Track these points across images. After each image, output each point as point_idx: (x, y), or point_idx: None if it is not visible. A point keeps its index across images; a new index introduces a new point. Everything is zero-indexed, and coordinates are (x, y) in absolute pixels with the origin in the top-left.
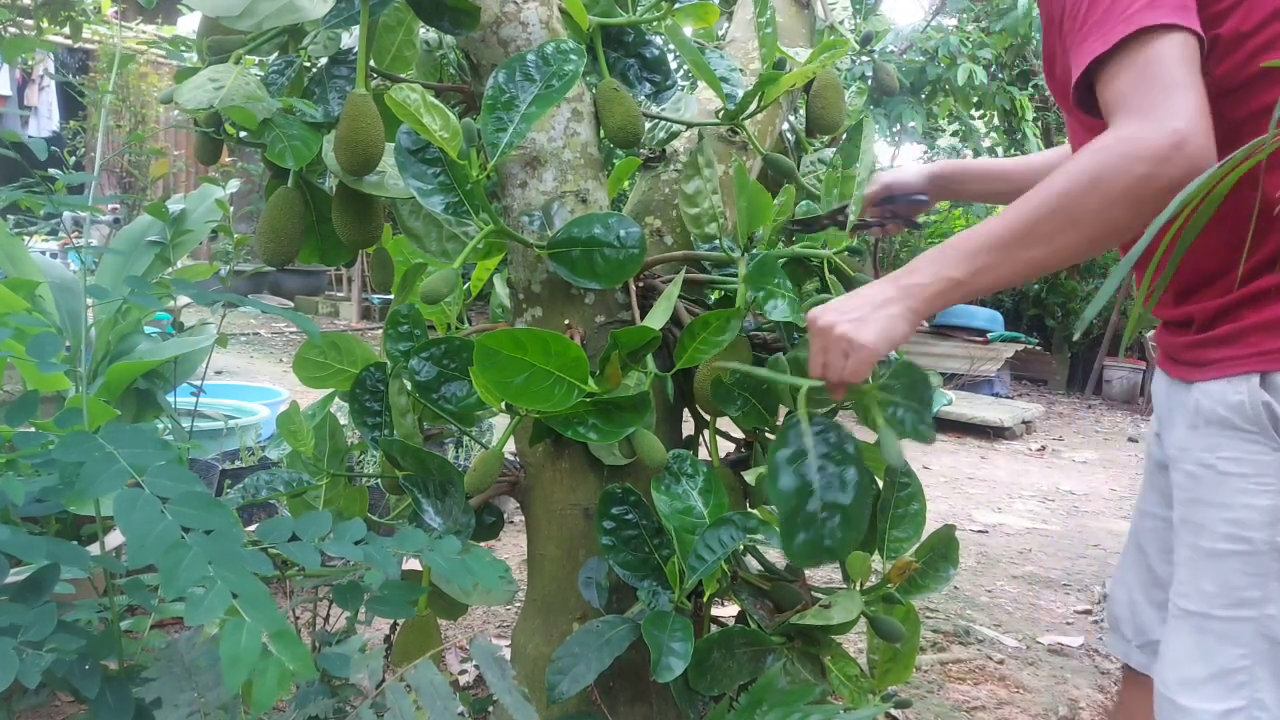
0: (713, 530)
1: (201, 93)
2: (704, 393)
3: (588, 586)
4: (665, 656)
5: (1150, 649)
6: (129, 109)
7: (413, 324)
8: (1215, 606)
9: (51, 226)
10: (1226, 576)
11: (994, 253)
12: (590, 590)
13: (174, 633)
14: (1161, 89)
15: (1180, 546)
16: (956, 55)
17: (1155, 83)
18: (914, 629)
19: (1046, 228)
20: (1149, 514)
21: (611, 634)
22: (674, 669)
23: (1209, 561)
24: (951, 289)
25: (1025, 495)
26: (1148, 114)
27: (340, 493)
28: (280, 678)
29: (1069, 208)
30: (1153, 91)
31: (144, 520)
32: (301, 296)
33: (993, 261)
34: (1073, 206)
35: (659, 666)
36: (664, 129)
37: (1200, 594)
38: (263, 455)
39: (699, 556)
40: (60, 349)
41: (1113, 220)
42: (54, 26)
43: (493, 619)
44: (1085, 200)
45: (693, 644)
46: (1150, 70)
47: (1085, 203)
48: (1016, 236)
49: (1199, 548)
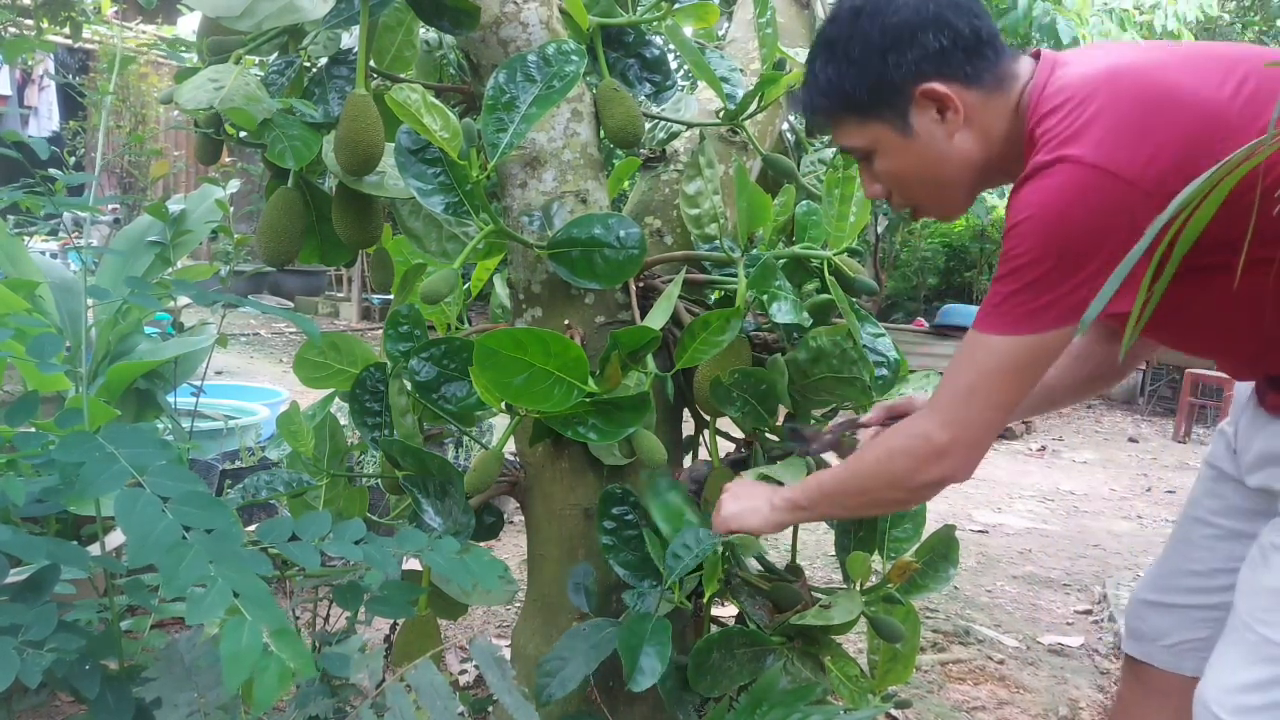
0: (689, 531)
1: (201, 93)
2: (703, 393)
3: (576, 592)
4: (639, 663)
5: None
6: (129, 109)
7: (413, 324)
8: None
9: (51, 226)
10: None
11: (826, 500)
12: (579, 596)
13: (174, 633)
14: (963, 396)
15: (1268, 572)
16: None
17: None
18: (914, 629)
19: (854, 498)
20: (1203, 521)
21: (599, 637)
22: (647, 677)
23: None
24: (799, 512)
25: (1025, 495)
26: (939, 416)
27: (340, 493)
28: (281, 676)
29: (864, 487)
30: (958, 397)
31: (145, 520)
32: (301, 296)
33: (823, 504)
34: (866, 484)
35: (632, 674)
36: (664, 129)
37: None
38: (263, 455)
39: (675, 555)
40: (60, 349)
41: (888, 501)
42: (54, 27)
43: (493, 619)
44: (874, 481)
45: (669, 649)
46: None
47: (870, 483)
48: (836, 494)
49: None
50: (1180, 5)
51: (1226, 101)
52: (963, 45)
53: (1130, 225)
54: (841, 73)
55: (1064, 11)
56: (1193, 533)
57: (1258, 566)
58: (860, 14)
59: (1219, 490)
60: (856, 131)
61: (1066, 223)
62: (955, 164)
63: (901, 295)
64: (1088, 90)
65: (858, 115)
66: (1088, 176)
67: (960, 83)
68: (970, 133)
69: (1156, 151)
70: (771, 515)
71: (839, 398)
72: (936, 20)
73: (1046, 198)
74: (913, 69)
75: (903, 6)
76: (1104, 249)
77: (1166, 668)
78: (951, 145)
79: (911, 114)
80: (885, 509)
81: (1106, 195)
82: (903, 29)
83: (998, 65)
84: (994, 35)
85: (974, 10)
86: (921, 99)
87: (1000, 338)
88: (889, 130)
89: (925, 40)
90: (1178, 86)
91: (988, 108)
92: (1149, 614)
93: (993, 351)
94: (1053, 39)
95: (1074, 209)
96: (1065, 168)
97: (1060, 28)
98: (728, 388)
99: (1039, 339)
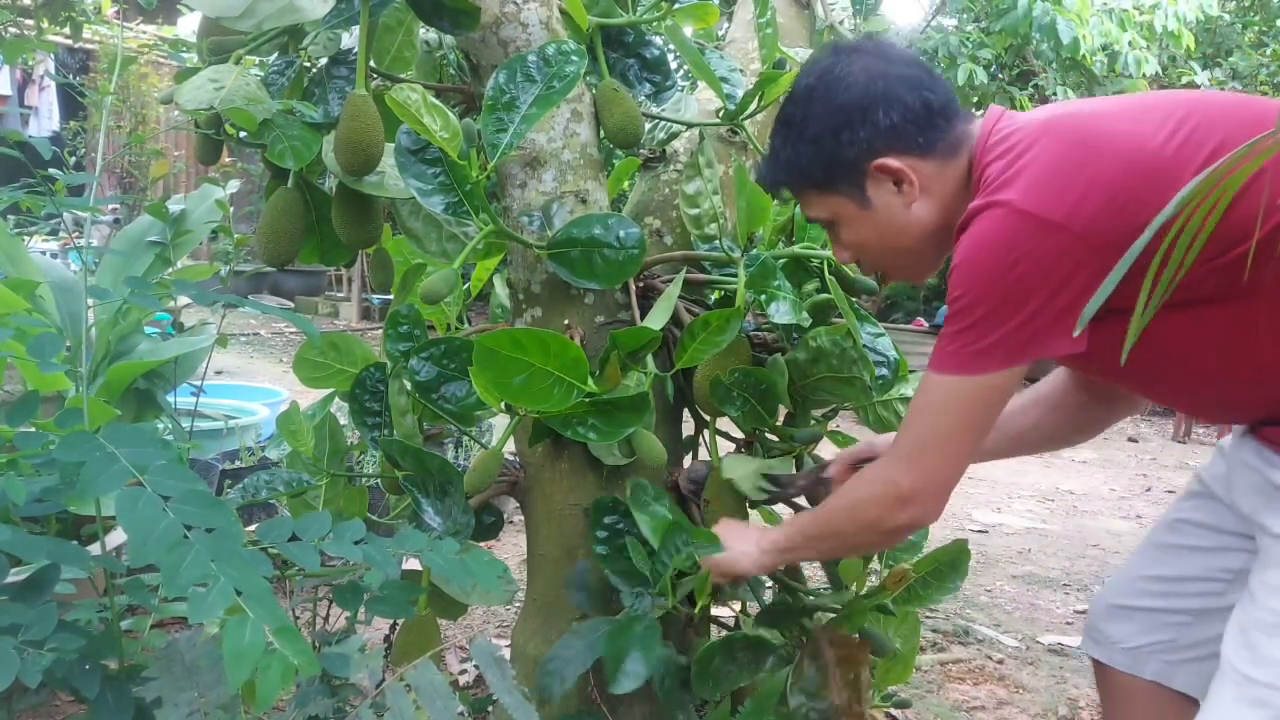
0: (670, 537)
1: (202, 93)
2: (703, 393)
3: (576, 590)
4: (624, 667)
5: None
6: (129, 109)
7: (412, 324)
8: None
9: (52, 227)
10: None
11: (808, 543)
12: (579, 595)
13: (174, 632)
14: (920, 443)
15: (1256, 609)
16: (956, 55)
17: (928, 432)
18: (914, 630)
19: (831, 541)
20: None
21: (595, 636)
22: (630, 680)
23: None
24: (785, 554)
25: (1024, 495)
26: (902, 461)
27: (340, 493)
28: (284, 674)
29: (839, 531)
30: (918, 441)
31: (146, 519)
32: (301, 296)
33: (805, 547)
34: (841, 529)
35: (615, 676)
36: (664, 129)
37: (1273, 662)
38: (263, 455)
39: (662, 563)
40: (60, 349)
41: (865, 544)
42: (54, 27)
43: (493, 619)
44: (848, 526)
45: (655, 653)
46: (933, 414)
47: (845, 529)
48: (815, 537)
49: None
50: (1180, 5)
51: (1159, 146)
52: (914, 119)
53: (1065, 266)
54: (798, 151)
55: (1064, 12)
56: (1169, 539)
57: (1245, 606)
58: (813, 93)
59: (1207, 506)
60: (818, 204)
61: (1001, 266)
62: (915, 232)
63: (901, 295)
64: (1025, 138)
65: (817, 190)
66: (1017, 221)
67: (914, 155)
68: (928, 200)
69: (1084, 194)
70: (760, 558)
71: (839, 397)
72: (886, 97)
73: (981, 242)
74: (865, 145)
75: (853, 85)
76: (1042, 289)
77: (1127, 670)
78: (910, 215)
79: (868, 188)
80: (863, 551)
81: (1036, 239)
82: (854, 107)
83: (950, 133)
84: (946, 103)
85: (924, 82)
86: (876, 173)
87: (952, 378)
88: (848, 203)
89: (876, 117)
90: (1110, 132)
91: (943, 175)
92: (1113, 616)
93: (946, 393)
94: (1053, 39)
95: (1006, 252)
96: (997, 212)
97: (1060, 28)
98: (728, 387)
99: (988, 379)
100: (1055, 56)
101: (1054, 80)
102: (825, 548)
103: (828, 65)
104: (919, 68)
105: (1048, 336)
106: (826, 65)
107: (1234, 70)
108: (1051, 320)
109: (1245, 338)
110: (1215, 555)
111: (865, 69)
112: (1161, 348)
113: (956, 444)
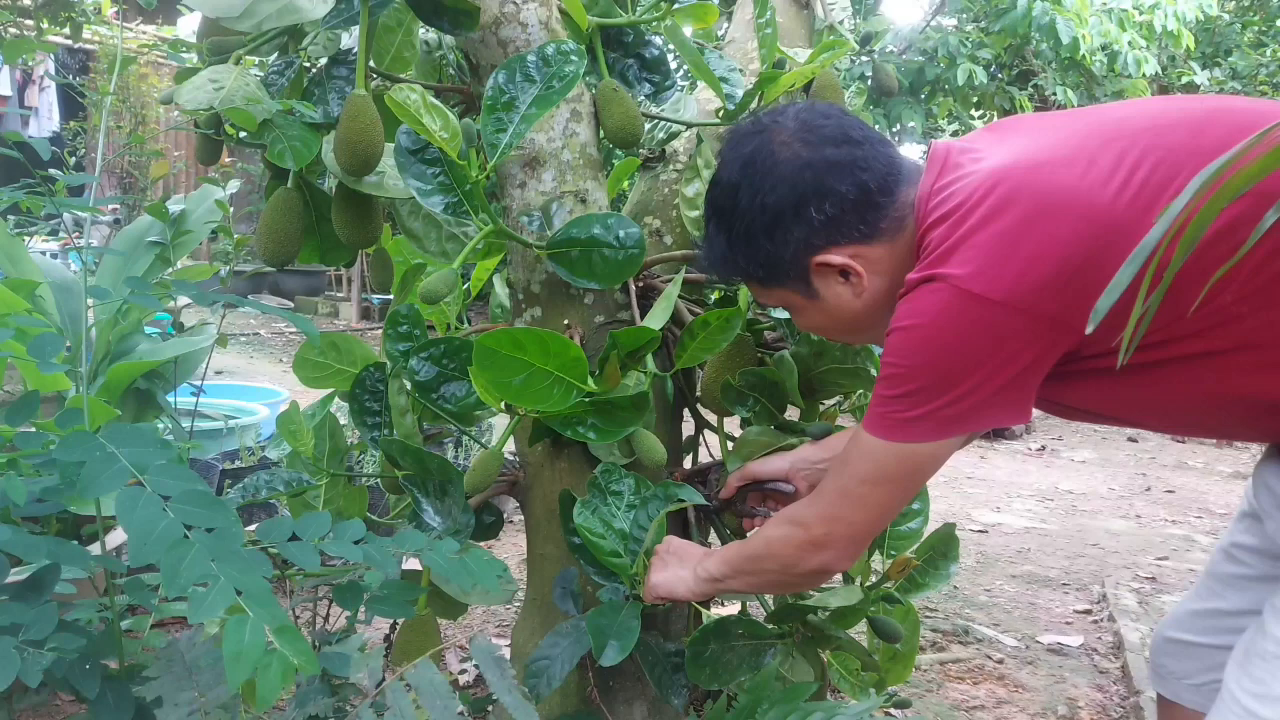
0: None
1: (202, 93)
2: (713, 394)
3: (563, 598)
4: (606, 642)
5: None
6: (129, 110)
7: (412, 324)
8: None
9: (52, 227)
10: None
11: (735, 575)
12: (566, 601)
13: (174, 632)
14: (846, 496)
15: (1263, 638)
16: (956, 55)
17: (850, 484)
18: (914, 629)
19: (752, 578)
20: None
21: (580, 634)
22: (614, 654)
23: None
24: (717, 584)
25: (1024, 495)
26: (820, 506)
27: (340, 493)
28: (284, 673)
29: (758, 568)
30: (839, 490)
31: (146, 518)
32: (301, 296)
33: (733, 579)
34: (759, 565)
35: (599, 651)
36: (664, 129)
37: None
38: (263, 455)
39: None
40: (61, 349)
41: (782, 583)
42: (54, 27)
43: (492, 619)
44: (764, 564)
45: (636, 634)
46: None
47: (764, 565)
48: (740, 571)
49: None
50: (1180, 5)
51: (1111, 200)
52: (851, 207)
53: (1008, 346)
54: (733, 247)
55: (1064, 12)
56: (1224, 568)
57: (1254, 631)
58: (739, 190)
59: (1253, 528)
60: (765, 295)
61: (937, 344)
62: (873, 313)
63: None
64: (968, 199)
65: (760, 285)
66: (957, 299)
67: (857, 243)
68: (880, 278)
69: (1027, 267)
70: (695, 586)
71: (845, 390)
72: (817, 191)
73: (919, 316)
74: (802, 244)
75: (780, 182)
76: (978, 370)
77: (1195, 707)
78: (861, 301)
79: (813, 282)
80: (782, 590)
81: (976, 318)
82: (783, 207)
83: (893, 208)
84: (885, 177)
85: (857, 161)
86: (820, 269)
87: (878, 441)
88: (796, 295)
89: (809, 215)
90: (1059, 190)
91: (893, 250)
92: (1174, 652)
93: (870, 454)
94: (1052, 39)
95: (944, 332)
96: (938, 287)
97: (1060, 28)
98: (738, 389)
99: (913, 448)
100: (1055, 56)
101: (1054, 80)
102: (750, 583)
103: (750, 155)
104: (850, 145)
105: (983, 411)
106: (749, 154)
107: (1234, 70)
108: (988, 397)
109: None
110: (1268, 585)
111: (791, 159)
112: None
113: (873, 505)
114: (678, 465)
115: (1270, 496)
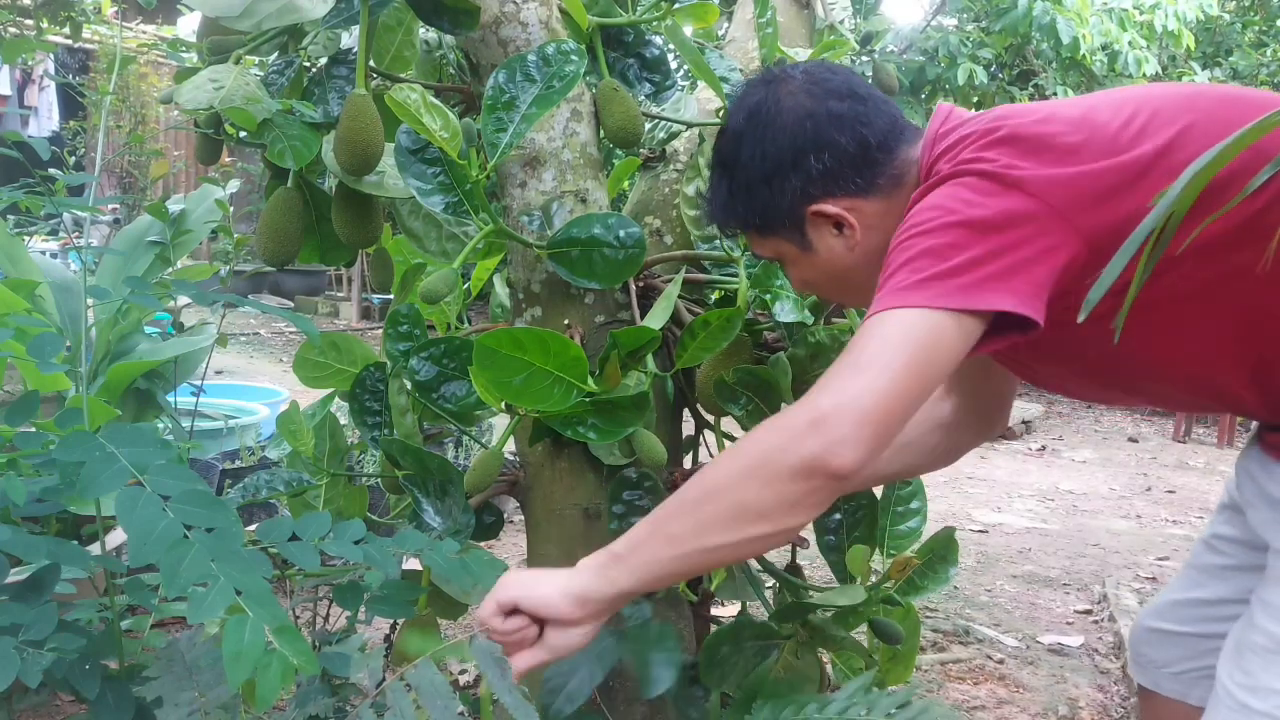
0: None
1: (201, 93)
2: (707, 393)
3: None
4: (652, 671)
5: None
6: (129, 109)
7: (412, 324)
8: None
9: (51, 226)
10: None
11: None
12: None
13: (174, 632)
14: (852, 367)
15: (1253, 631)
16: (956, 55)
17: (857, 360)
18: (914, 629)
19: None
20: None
21: (600, 647)
22: (662, 682)
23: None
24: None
25: (1025, 495)
26: (824, 381)
27: (340, 492)
28: (284, 673)
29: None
30: (845, 369)
31: (146, 518)
32: (301, 296)
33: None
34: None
35: (646, 682)
36: (664, 129)
37: (1270, 692)
38: (263, 455)
39: None
40: (60, 349)
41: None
42: (54, 27)
43: None
44: (727, 478)
45: (679, 652)
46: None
47: (726, 480)
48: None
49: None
50: (1180, 5)
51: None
52: (849, 160)
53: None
54: (733, 195)
55: (1064, 11)
56: (1205, 558)
57: (1244, 624)
58: (742, 139)
59: (1234, 520)
60: (761, 244)
61: (943, 209)
62: (865, 269)
63: None
64: (978, 129)
65: (758, 232)
66: (965, 182)
67: (853, 196)
68: (875, 234)
69: (1040, 165)
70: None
71: None
72: (817, 141)
73: (949, 191)
74: (800, 192)
75: (780, 131)
76: (985, 239)
77: (1174, 696)
78: (855, 255)
79: (808, 232)
80: (737, 529)
81: (986, 190)
82: (783, 156)
83: (891, 165)
84: (886, 134)
85: (859, 116)
86: (815, 219)
87: (881, 314)
88: (791, 245)
89: (807, 164)
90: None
91: (890, 208)
92: (1154, 641)
93: (874, 327)
94: (1052, 39)
95: (951, 199)
96: (969, 178)
97: (1060, 28)
98: (731, 387)
99: (920, 316)
100: (1055, 56)
101: (1054, 80)
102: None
103: (756, 104)
104: (853, 99)
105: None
106: (755, 104)
107: (1234, 70)
108: (997, 272)
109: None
110: (1249, 575)
111: (795, 108)
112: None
113: (891, 375)
114: (678, 465)
115: (1253, 486)
